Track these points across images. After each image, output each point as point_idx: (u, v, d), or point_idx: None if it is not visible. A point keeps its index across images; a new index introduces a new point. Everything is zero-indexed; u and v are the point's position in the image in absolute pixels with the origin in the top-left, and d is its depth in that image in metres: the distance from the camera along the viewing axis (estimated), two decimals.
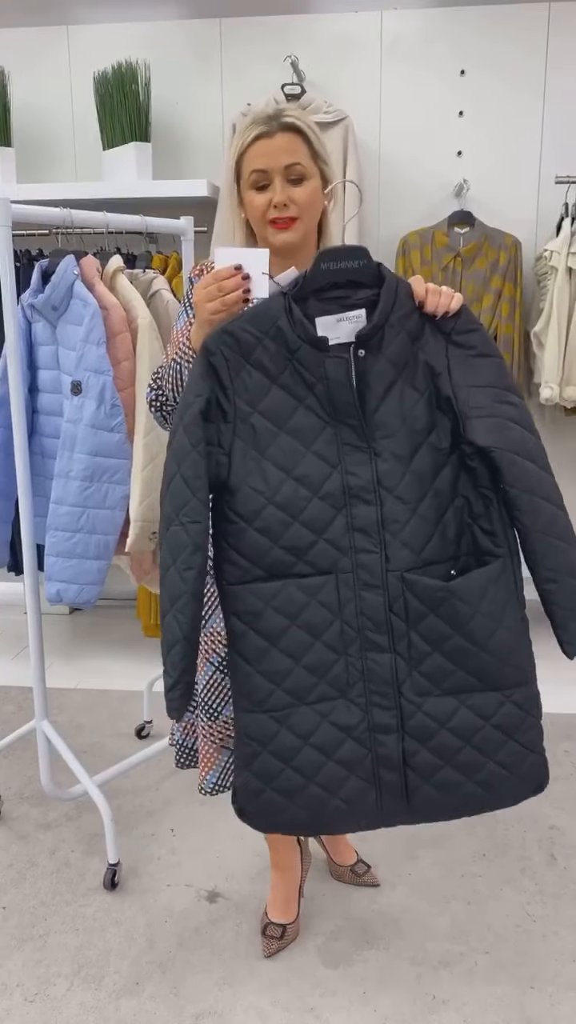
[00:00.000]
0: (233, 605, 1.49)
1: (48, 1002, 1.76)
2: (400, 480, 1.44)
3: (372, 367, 1.43)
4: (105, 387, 2.01)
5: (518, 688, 1.54)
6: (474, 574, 1.45)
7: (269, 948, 1.88)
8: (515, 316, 3.05)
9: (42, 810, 2.39)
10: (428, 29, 3.10)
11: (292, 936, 1.91)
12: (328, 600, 1.46)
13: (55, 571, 2.09)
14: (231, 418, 1.43)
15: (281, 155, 1.51)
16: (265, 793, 1.52)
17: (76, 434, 2.03)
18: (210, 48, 3.21)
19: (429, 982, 1.81)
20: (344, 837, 2.11)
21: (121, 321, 2.11)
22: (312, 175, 1.54)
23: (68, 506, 2.05)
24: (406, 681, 1.48)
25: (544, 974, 1.83)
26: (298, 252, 1.59)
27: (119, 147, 3.13)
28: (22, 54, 3.29)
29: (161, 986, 1.80)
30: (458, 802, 1.53)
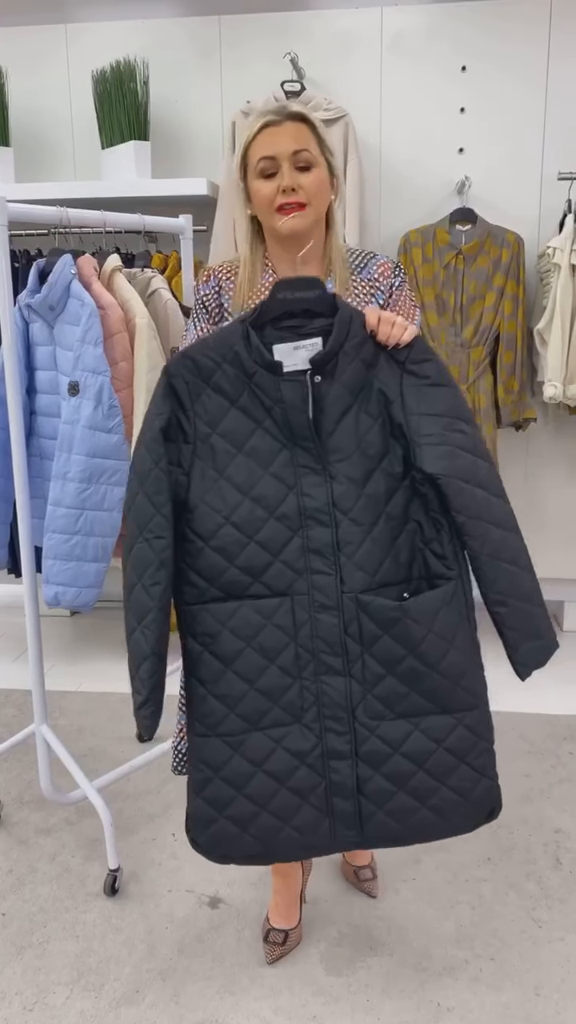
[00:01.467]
0: (191, 626, 1.52)
1: (47, 1011, 1.74)
2: (355, 503, 1.47)
3: (327, 392, 1.46)
4: (103, 388, 1.99)
5: (470, 712, 1.56)
6: (427, 595, 1.49)
7: (271, 954, 1.86)
8: (518, 314, 3.02)
9: (42, 815, 2.37)
10: (429, 25, 3.07)
11: (295, 942, 1.89)
12: (283, 622, 1.49)
13: (53, 573, 2.07)
14: (191, 439, 1.47)
15: (289, 142, 1.52)
16: (217, 822, 1.54)
17: (74, 435, 2.00)
18: (209, 46, 3.19)
19: (433, 989, 1.78)
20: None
21: (119, 321, 2.09)
22: (319, 164, 1.55)
23: (66, 508, 2.02)
24: (360, 705, 1.51)
25: (550, 981, 1.80)
26: (306, 243, 1.58)
27: (118, 146, 3.11)
28: (20, 53, 3.27)
29: (162, 994, 1.77)
30: (411, 829, 1.55)
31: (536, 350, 3.06)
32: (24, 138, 3.32)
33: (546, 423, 3.29)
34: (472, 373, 3.05)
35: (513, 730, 2.79)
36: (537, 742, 2.72)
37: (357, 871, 2.07)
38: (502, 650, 1.68)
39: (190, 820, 1.58)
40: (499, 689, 3.03)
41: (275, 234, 1.60)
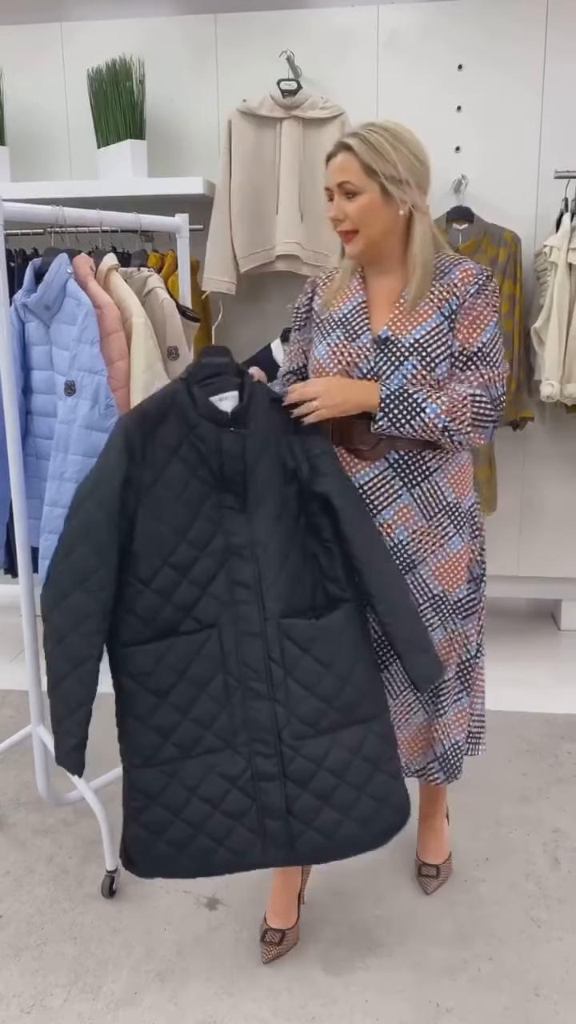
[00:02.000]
0: (126, 666, 1.62)
1: (45, 1013, 1.73)
2: (270, 538, 1.62)
3: (248, 440, 1.61)
4: (99, 387, 1.98)
5: (376, 719, 1.69)
6: (333, 615, 1.64)
7: (268, 954, 1.86)
8: (515, 312, 3.02)
9: (39, 816, 2.36)
10: (425, 23, 3.07)
11: (291, 942, 1.89)
12: (212, 652, 1.62)
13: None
14: (136, 489, 1.58)
15: (336, 174, 1.65)
16: (157, 846, 1.65)
17: (70, 435, 1.99)
18: (205, 44, 3.18)
19: (432, 989, 1.78)
20: (438, 836, 2.13)
21: (115, 320, 2.08)
22: (364, 190, 1.63)
23: (63, 508, 2.01)
24: (285, 727, 1.63)
25: (549, 981, 1.80)
26: (379, 258, 1.72)
27: (114, 145, 3.10)
28: (16, 51, 3.25)
29: (160, 995, 1.77)
30: (339, 843, 1.67)
31: (533, 349, 3.05)
32: (20, 137, 3.30)
33: (543, 422, 3.29)
34: None
35: (511, 729, 2.79)
36: (536, 741, 2.72)
37: (421, 867, 2.11)
38: (499, 651, 1.67)
39: (130, 847, 1.68)
40: (498, 689, 3.04)
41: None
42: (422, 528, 1.73)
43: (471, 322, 1.67)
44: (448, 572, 1.78)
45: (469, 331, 1.67)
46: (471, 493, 1.80)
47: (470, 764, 2.58)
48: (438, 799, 2.08)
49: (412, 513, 1.72)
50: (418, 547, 1.74)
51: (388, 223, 1.66)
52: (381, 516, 1.72)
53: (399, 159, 1.62)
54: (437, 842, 2.11)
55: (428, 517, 1.73)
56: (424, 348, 1.65)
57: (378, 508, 1.72)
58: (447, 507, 1.74)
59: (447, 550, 1.76)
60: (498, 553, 3.42)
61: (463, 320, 1.67)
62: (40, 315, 2.05)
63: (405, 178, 1.63)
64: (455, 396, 1.64)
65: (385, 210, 1.64)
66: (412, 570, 1.75)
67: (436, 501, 1.73)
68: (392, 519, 1.72)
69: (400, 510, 1.72)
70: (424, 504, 1.73)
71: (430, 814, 2.11)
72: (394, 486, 1.71)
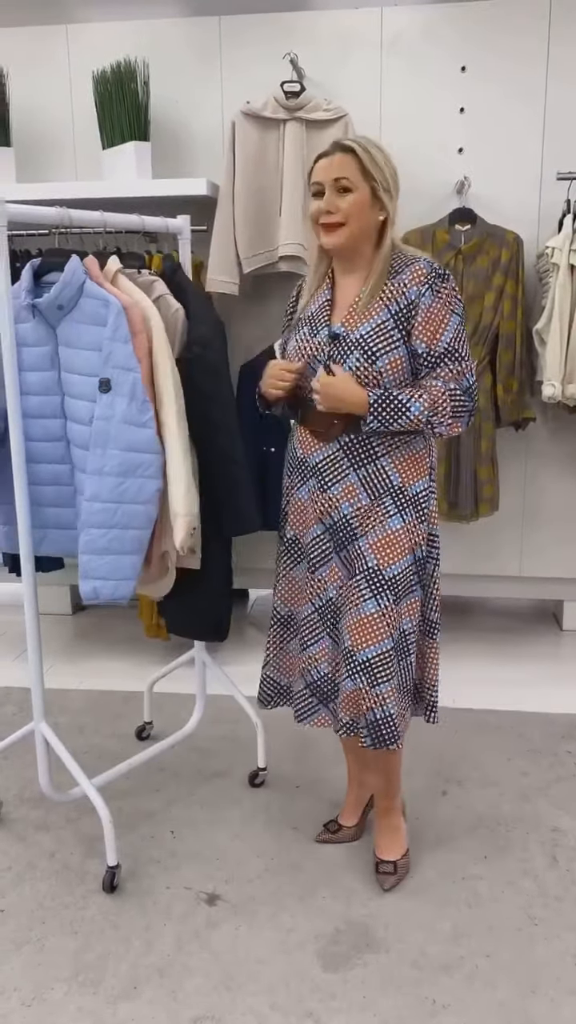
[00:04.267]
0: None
1: (45, 1006, 1.75)
2: None
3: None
4: (135, 384, 2.01)
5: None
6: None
7: (320, 836, 2.23)
8: (517, 313, 3.03)
9: (42, 812, 2.38)
10: (429, 25, 3.08)
11: (345, 838, 2.23)
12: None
13: (91, 568, 2.07)
14: None
15: (332, 170, 1.82)
16: None
17: (108, 431, 2.01)
18: (210, 46, 3.19)
19: (429, 986, 1.79)
20: (394, 832, 2.16)
21: (140, 321, 2.09)
22: (358, 188, 1.81)
23: (103, 502, 2.03)
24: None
25: (546, 978, 1.81)
26: (351, 256, 1.88)
27: (119, 146, 3.12)
28: (21, 53, 3.28)
29: (159, 990, 1.79)
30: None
31: (535, 350, 3.06)
32: (25, 138, 3.32)
33: (545, 423, 3.30)
34: None
35: (512, 729, 2.80)
36: (536, 741, 2.73)
37: (378, 864, 2.12)
38: (501, 651, 1.68)
39: None
40: (499, 688, 3.06)
41: (320, 244, 1.90)
42: (365, 506, 1.91)
43: (432, 324, 1.83)
44: (384, 548, 1.91)
45: (432, 333, 1.83)
46: (423, 481, 1.94)
47: (470, 763, 2.60)
48: (389, 793, 2.11)
49: (357, 491, 1.90)
50: (360, 522, 1.91)
51: (369, 225, 1.84)
52: (330, 491, 1.92)
53: (388, 172, 1.83)
54: (392, 838, 2.13)
55: (372, 496, 1.90)
56: (367, 343, 1.83)
57: (328, 485, 1.92)
58: (391, 489, 1.90)
59: (386, 527, 1.91)
60: (500, 554, 3.43)
61: (423, 322, 1.83)
62: (48, 315, 2.06)
63: (390, 189, 1.83)
64: (434, 393, 1.83)
65: (370, 212, 1.83)
66: (353, 542, 1.92)
67: (381, 482, 1.90)
68: (339, 494, 1.91)
69: (346, 487, 1.91)
70: (368, 484, 1.90)
71: (385, 809, 2.13)
72: (342, 466, 1.90)
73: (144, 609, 3.38)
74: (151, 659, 3.30)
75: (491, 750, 2.67)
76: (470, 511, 3.14)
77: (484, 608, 3.87)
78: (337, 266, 1.93)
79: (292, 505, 2.02)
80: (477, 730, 2.79)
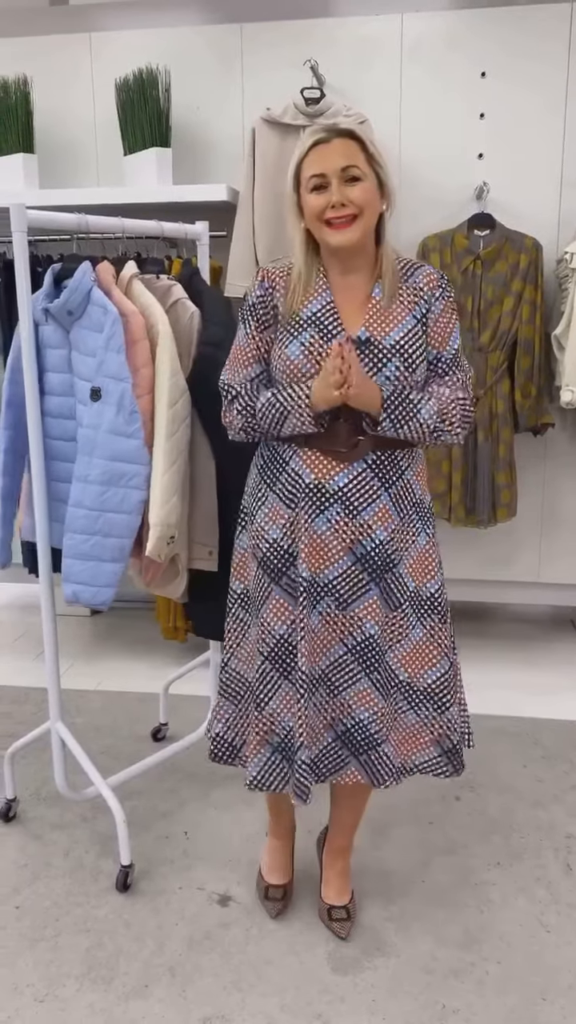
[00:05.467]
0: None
1: (57, 1002, 1.77)
2: None
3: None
4: (124, 394, 2.02)
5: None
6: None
7: (274, 909, 1.99)
8: (536, 319, 3.02)
9: (58, 811, 2.41)
10: (449, 31, 3.08)
11: (290, 897, 2.03)
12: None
13: (72, 572, 2.10)
14: None
15: (337, 158, 1.62)
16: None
17: (95, 439, 2.03)
18: (231, 53, 3.22)
19: (439, 991, 1.79)
20: (342, 875, 2.02)
21: (140, 328, 2.11)
22: (367, 177, 1.64)
23: (86, 509, 2.05)
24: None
25: (557, 986, 1.80)
26: (358, 254, 1.70)
27: (140, 152, 3.15)
28: (47, 62, 3.32)
29: (170, 989, 1.80)
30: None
31: (554, 355, 3.05)
32: (50, 145, 3.37)
33: (564, 428, 3.28)
34: (490, 378, 3.05)
35: (528, 735, 2.79)
36: (552, 748, 2.72)
37: (330, 910, 1.97)
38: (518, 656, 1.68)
39: None
40: (515, 694, 3.04)
41: (325, 246, 1.70)
42: (397, 527, 1.75)
43: (443, 330, 1.75)
44: (420, 567, 1.80)
45: (443, 338, 1.75)
46: (427, 488, 1.85)
47: (485, 769, 2.59)
48: (354, 830, 2.00)
49: (390, 513, 1.73)
50: (396, 546, 1.75)
51: (376, 216, 1.68)
52: (360, 518, 1.71)
53: (384, 158, 1.68)
54: (345, 880, 2.01)
55: (401, 516, 1.75)
56: (405, 350, 1.69)
57: (357, 510, 1.71)
58: (416, 504, 1.79)
59: (417, 546, 1.79)
60: (519, 559, 3.42)
61: (436, 328, 1.74)
62: (61, 320, 2.09)
63: (389, 177, 1.68)
64: (443, 399, 1.73)
65: (378, 202, 1.67)
66: (392, 569, 1.75)
67: (408, 499, 1.76)
68: (371, 520, 1.72)
69: (379, 510, 1.72)
70: (399, 503, 1.74)
71: (342, 849, 2.01)
72: (373, 487, 1.71)
73: (161, 611, 3.40)
74: (168, 661, 3.32)
75: (506, 756, 2.67)
76: (487, 517, 3.13)
77: (502, 614, 3.86)
78: (332, 264, 1.72)
79: (305, 541, 1.72)
80: (493, 736, 2.78)
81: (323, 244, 1.70)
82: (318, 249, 1.73)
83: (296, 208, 1.70)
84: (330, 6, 3.15)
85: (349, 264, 1.71)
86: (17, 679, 3.23)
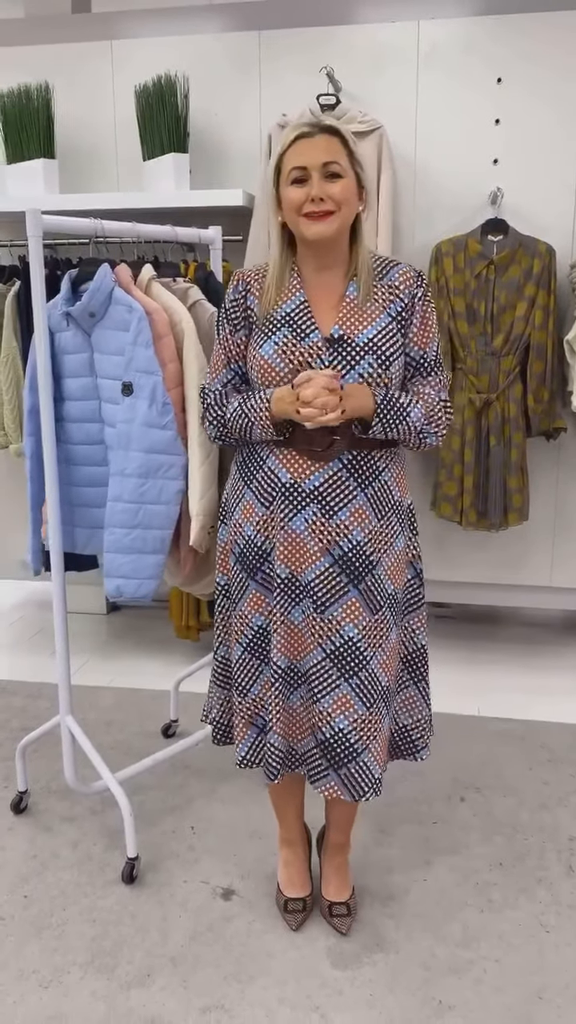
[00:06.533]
0: None
1: (61, 988, 1.81)
2: None
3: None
4: (156, 387, 2.07)
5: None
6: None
7: (296, 921, 1.97)
8: (549, 324, 3.03)
9: (68, 804, 2.45)
10: (465, 38, 3.10)
11: (311, 906, 2.01)
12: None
13: (114, 567, 2.14)
14: None
15: (320, 153, 1.64)
16: None
17: (131, 433, 2.08)
18: (249, 60, 3.26)
19: (437, 987, 1.81)
20: (340, 872, 2.04)
21: (164, 324, 2.16)
22: (348, 175, 1.66)
23: (125, 503, 2.10)
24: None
25: (554, 985, 1.82)
26: (332, 249, 1.72)
27: (158, 158, 3.20)
28: (68, 69, 3.38)
29: (171, 978, 1.83)
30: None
31: (566, 360, 3.06)
32: (71, 150, 3.43)
33: (575, 434, 3.29)
34: (502, 382, 3.06)
35: (536, 738, 2.80)
36: (558, 751, 2.73)
37: (331, 906, 2.00)
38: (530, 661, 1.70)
39: None
40: (524, 697, 3.05)
41: (303, 239, 1.71)
42: (376, 528, 1.74)
43: (424, 329, 1.77)
44: (397, 570, 1.81)
45: (424, 338, 1.77)
46: (408, 491, 1.85)
47: (491, 771, 2.61)
48: (351, 826, 2.00)
49: (367, 514, 1.73)
50: (374, 548, 1.75)
51: (353, 214, 1.70)
52: (337, 518, 1.71)
53: (365, 162, 1.71)
54: (345, 877, 2.03)
55: (380, 517, 1.75)
56: (378, 347, 1.70)
57: (334, 510, 1.71)
58: (395, 506, 1.79)
59: (395, 548, 1.80)
60: (531, 563, 3.43)
61: (417, 326, 1.75)
62: (82, 323, 2.14)
63: (368, 176, 1.71)
64: (429, 400, 1.75)
65: (356, 201, 1.70)
66: (371, 571, 1.75)
67: (386, 500, 1.76)
68: (348, 520, 1.72)
69: (355, 511, 1.72)
70: (376, 504, 1.74)
71: (340, 846, 2.02)
72: (348, 487, 1.71)
73: (174, 610, 3.44)
74: (181, 659, 3.36)
75: (513, 759, 2.68)
76: (499, 520, 3.14)
77: (513, 618, 3.86)
78: (307, 262, 1.74)
79: (282, 540, 1.74)
80: (500, 739, 2.79)
81: (299, 237, 1.70)
82: (294, 246, 1.75)
83: (274, 201, 1.71)
84: (347, 13, 3.18)
85: (323, 260, 1.72)
86: (33, 675, 3.28)
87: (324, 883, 2.04)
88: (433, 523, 3.31)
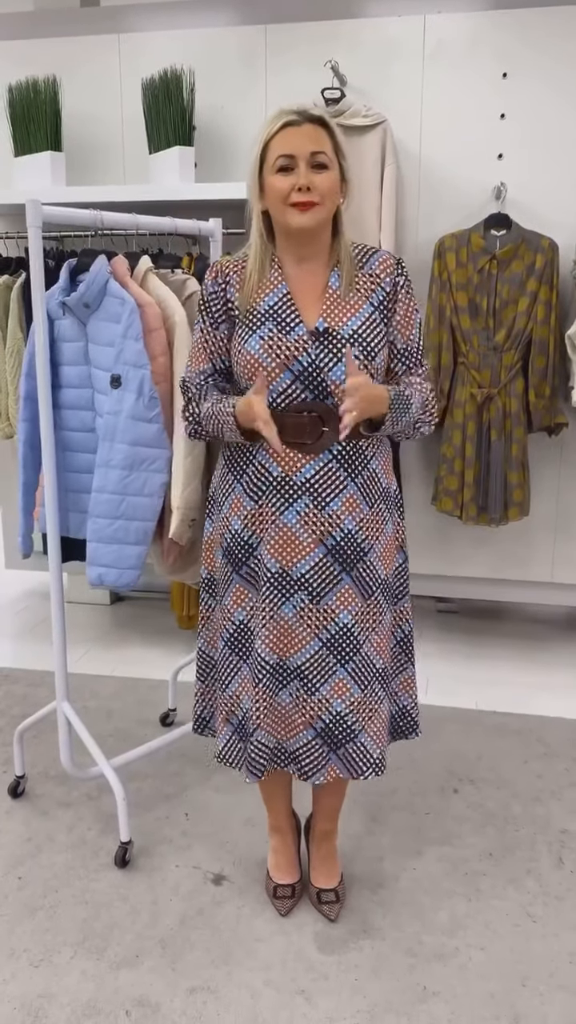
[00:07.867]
0: None
1: (52, 968, 1.84)
2: None
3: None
4: (144, 380, 2.09)
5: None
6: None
7: (285, 907, 2.00)
8: (551, 319, 3.03)
9: (64, 789, 2.48)
10: (471, 33, 3.10)
11: (301, 893, 2.02)
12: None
13: (97, 556, 2.17)
14: None
15: (307, 142, 1.61)
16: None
17: (117, 425, 2.10)
18: (255, 54, 3.27)
19: (421, 973, 1.83)
20: (336, 854, 2.07)
21: (156, 318, 2.18)
22: (333, 166, 1.65)
23: (108, 493, 2.13)
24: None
25: (538, 973, 1.83)
26: (314, 240, 1.71)
27: (164, 151, 3.22)
28: (74, 62, 3.40)
29: (160, 960, 1.86)
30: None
31: (568, 355, 3.06)
32: (78, 143, 3.45)
33: None
34: (504, 377, 3.07)
35: (532, 732, 2.81)
36: (554, 745, 2.74)
37: (319, 893, 2.02)
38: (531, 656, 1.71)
39: None
40: (523, 692, 3.06)
41: (285, 229, 1.69)
42: (366, 516, 1.76)
43: (409, 319, 1.77)
44: (388, 555, 1.83)
45: (408, 328, 1.77)
46: (393, 477, 1.86)
47: (486, 763, 2.62)
48: (338, 812, 2.03)
49: (358, 502, 1.74)
50: (365, 535, 1.76)
51: (335, 206, 1.69)
52: (329, 508, 1.72)
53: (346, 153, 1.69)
54: (333, 864, 2.05)
55: (370, 505, 1.76)
56: (364, 338, 1.69)
57: (326, 501, 1.72)
58: (383, 493, 1.80)
59: (385, 534, 1.82)
60: (532, 559, 3.43)
61: (402, 317, 1.76)
62: (78, 313, 2.17)
63: (350, 168, 1.69)
64: (423, 391, 1.77)
65: (338, 193, 1.68)
66: (363, 558, 1.76)
67: (375, 488, 1.78)
68: (340, 510, 1.73)
69: (347, 500, 1.73)
70: (366, 492, 1.75)
71: (328, 832, 2.04)
72: (339, 477, 1.72)
73: (176, 601, 3.47)
74: (181, 649, 3.39)
75: (508, 752, 2.69)
76: (499, 515, 3.15)
77: (516, 614, 3.87)
78: (288, 254, 1.72)
79: (272, 534, 1.74)
80: (497, 732, 2.81)
81: (283, 227, 1.68)
82: (273, 236, 1.73)
83: (256, 189, 1.68)
84: (353, 8, 3.18)
85: (304, 252, 1.71)
86: (35, 663, 3.32)
87: (312, 870, 2.05)
88: (436, 518, 3.32)
